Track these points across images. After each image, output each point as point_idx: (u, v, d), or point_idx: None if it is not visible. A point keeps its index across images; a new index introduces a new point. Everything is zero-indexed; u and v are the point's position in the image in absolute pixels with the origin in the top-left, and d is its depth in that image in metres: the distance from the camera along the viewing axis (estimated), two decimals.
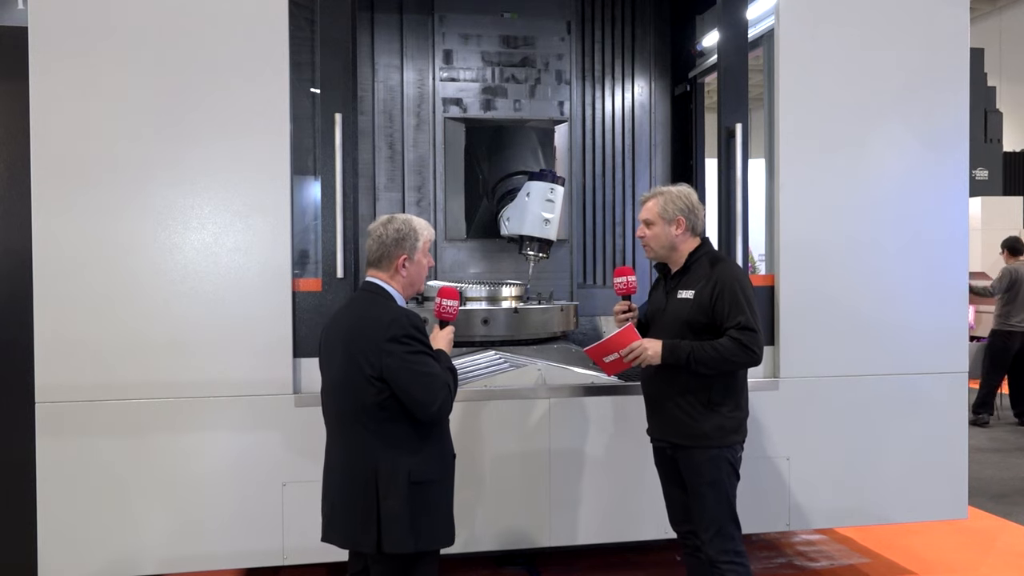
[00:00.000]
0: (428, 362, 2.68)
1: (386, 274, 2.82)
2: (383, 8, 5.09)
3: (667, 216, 3.18)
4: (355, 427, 2.71)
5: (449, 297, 2.99)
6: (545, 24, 5.13)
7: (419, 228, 2.86)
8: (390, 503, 2.65)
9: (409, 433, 2.69)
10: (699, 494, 3.11)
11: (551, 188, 4.47)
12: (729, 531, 3.10)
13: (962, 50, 4.14)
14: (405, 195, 5.13)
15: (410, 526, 2.65)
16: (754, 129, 4.35)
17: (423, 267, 2.87)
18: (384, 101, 5.11)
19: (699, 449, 3.09)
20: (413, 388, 2.64)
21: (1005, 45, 17.51)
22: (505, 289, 4.48)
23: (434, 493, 2.74)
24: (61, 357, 3.43)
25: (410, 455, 2.68)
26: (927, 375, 4.10)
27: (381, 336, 2.64)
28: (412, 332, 2.66)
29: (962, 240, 4.16)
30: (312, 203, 4.33)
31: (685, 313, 3.11)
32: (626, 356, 3.11)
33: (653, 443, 3.32)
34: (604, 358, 3.19)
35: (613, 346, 3.14)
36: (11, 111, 3.77)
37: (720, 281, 3.08)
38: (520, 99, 5.12)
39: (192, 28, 3.51)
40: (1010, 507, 5.69)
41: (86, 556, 3.47)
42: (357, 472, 2.70)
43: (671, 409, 3.15)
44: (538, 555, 4.48)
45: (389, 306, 2.75)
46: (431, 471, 2.72)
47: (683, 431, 3.12)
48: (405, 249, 2.80)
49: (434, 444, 2.75)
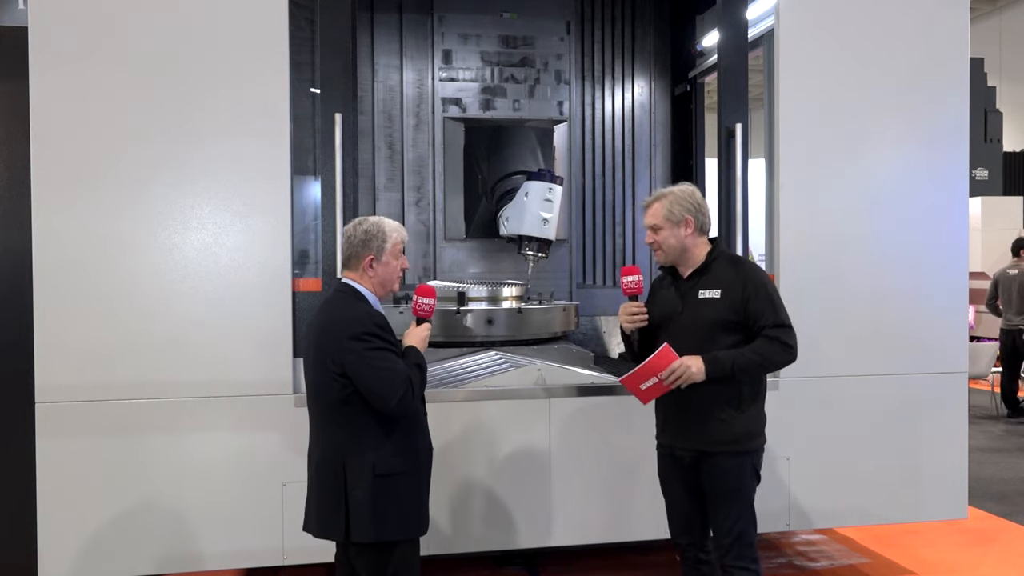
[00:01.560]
0: (388, 358, 2.76)
1: (356, 274, 2.90)
2: (382, 8, 5.09)
3: (674, 218, 3.09)
4: (326, 422, 2.85)
5: (426, 295, 3.02)
6: (544, 24, 5.13)
7: (388, 230, 2.91)
8: (356, 494, 2.76)
9: (374, 427, 2.79)
10: (723, 501, 3.05)
11: (549, 188, 4.47)
12: (749, 538, 3.06)
13: (962, 50, 4.14)
14: (404, 195, 5.13)
15: (374, 517, 2.76)
16: (754, 129, 4.35)
17: (393, 268, 2.92)
18: (383, 101, 5.11)
19: (726, 455, 3.02)
20: (373, 383, 2.73)
21: (1005, 45, 17.51)
22: (505, 289, 4.48)
23: (401, 484, 2.82)
24: (61, 357, 3.43)
25: (375, 448, 2.78)
26: (927, 375, 4.10)
27: (343, 334, 2.74)
28: (373, 329, 2.76)
29: (962, 240, 4.16)
30: (312, 203, 4.33)
31: (714, 313, 3.04)
32: (667, 378, 2.94)
33: (667, 451, 3.20)
34: (641, 385, 3.00)
35: (651, 370, 2.95)
36: (11, 111, 3.77)
37: (752, 281, 3.04)
38: (519, 99, 5.13)
39: (192, 28, 3.51)
40: (1010, 507, 5.69)
41: (86, 556, 3.47)
42: (328, 464, 2.82)
43: (703, 415, 3.04)
44: (538, 555, 4.48)
45: (356, 305, 2.84)
46: (396, 464, 2.81)
47: (713, 437, 3.03)
48: (372, 250, 2.87)
49: (400, 438, 2.83)
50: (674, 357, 2.95)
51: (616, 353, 5.04)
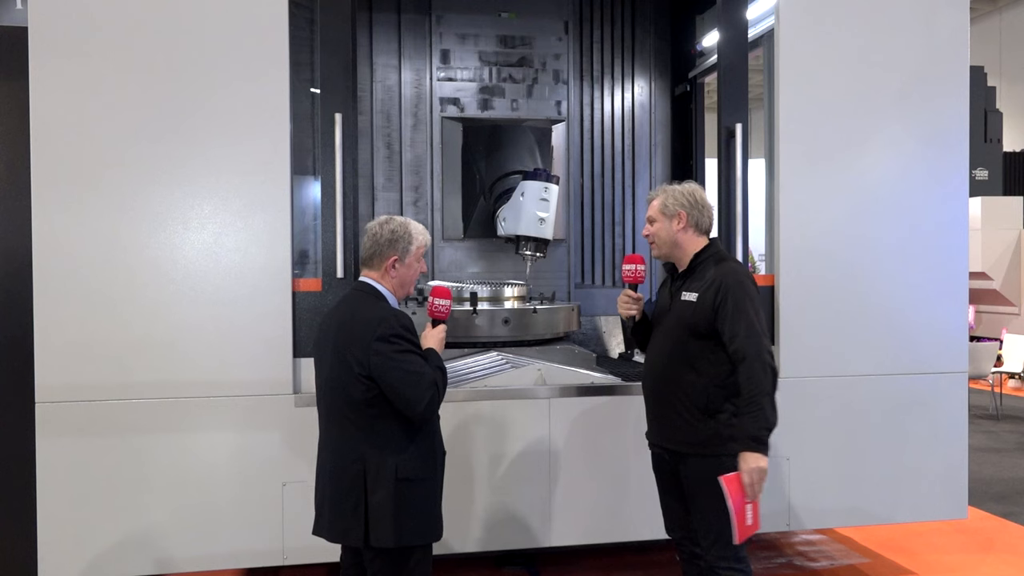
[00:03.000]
0: (416, 361, 2.72)
1: (377, 273, 2.86)
2: (381, 8, 5.09)
3: (668, 212, 3.12)
4: (345, 424, 2.76)
5: (442, 296, 3.00)
6: (542, 24, 5.13)
7: (414, 232, 2.88)
8: (377, 498, 2.70)
9: (397, 431, 2.73)
10: (699, 501, 3.06)
11: (545, 187, 4.47)
12: (730, 536, 3.03)
13: (962, 50, 4.14)
14: (403, 195, 5.13)
15: (396, 522, 2.71)
16: (754, 129, 4.34)
17: (414, 271, 2.90)
18: (382, 101, 5.11)
19: (695, 457, 3.03)
20: (400, 386, 2.68)
21: (1005, 45, 17.50)
22: (509, 289, 4.47)
23: (421, 490, 2.78)
24: (61, 357, 3.43)
25: (397, 452, 2.73)
26: (927, 375, 4.09)
27: (370, 335, 2.68)
28: (400, 331, 2.71)
29: (962, 240, 4.16)
30: (312, 203, 4.34)
31: (687, 316, 3.04)
32: (753, 495, 2.90)
33: (652, 448, 3.26)
34: (747, 522, 2.93)
35: (739, 505, 2.89)
36: (11, 111, 3.77)
37: (724, 285, 2.98)
38: (517, 99, 5.12)
39: (192, 28, 3.51)
40: (1010, 507, 5.69)
41: (86, 556, 3.47)
42: (347, 468, 2.75)
43: (671, 416, 3.08)
44: (538, 555, 4.48)
45: (379, 306, 2.79)
46: (418, 468, 2.76)
47: (681, 438, 3.06)
48: (397, 250, 2.83)
49: (422, 442, 2.79)
50: (735, 480, 2.89)
51: (616, 353, 5.04)
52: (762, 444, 2.89)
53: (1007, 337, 9.68)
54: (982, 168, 12.68)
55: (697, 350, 3.03)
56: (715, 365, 3.01)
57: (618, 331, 5.23)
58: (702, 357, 3.02)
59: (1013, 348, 9.38)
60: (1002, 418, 8.73)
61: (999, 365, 9.20)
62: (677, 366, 3.07)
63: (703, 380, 3.02)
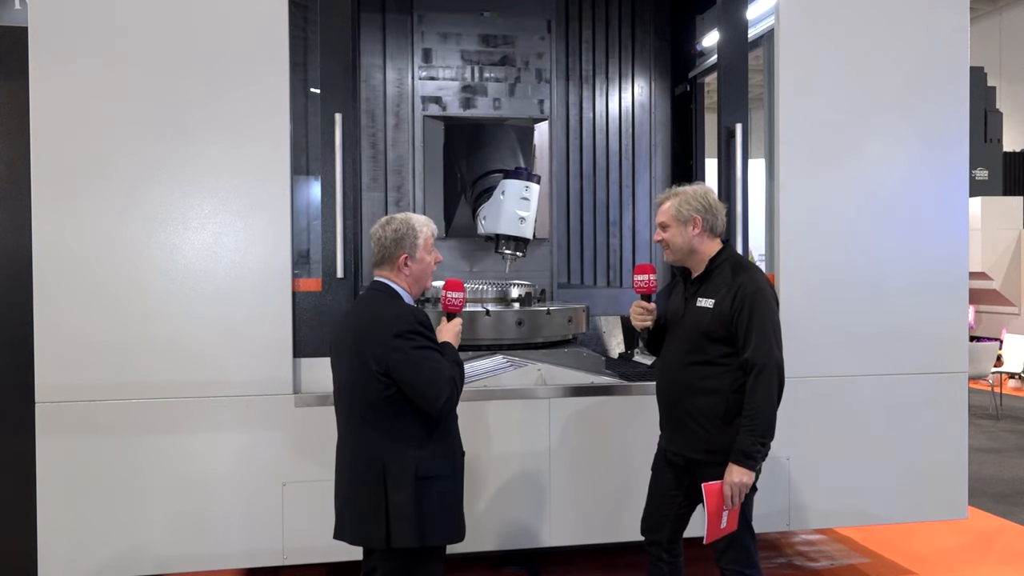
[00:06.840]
0: (434, 357, 2.71)
1: (390, 272, 2.85)
2: (367, 7, 5.07)
3: (682, 217, 3.04)
4: (363, 424, 2.75)
5: (454, 289, 2.99)
6: (525, 23, 5.11)
7: (418, 225, 2.88)
8: (398, 498, 2.68)
9: (416, 429, 2.72)
10: None
11: (526, 186, 4.46)
12: (743, 542, 3.03)
13: (962, 49, 4.14)
14: (387, 195, 5.12)
15: (418, 521, 2.68)
16: (754, 129, 4.34)
17: (428, 264, 2.89)
18: (367, 100, 5.09)
19: (712, 465, 2.97)
20: (419, 383, 2.67)
21: (1005, 45, 17.50)
22: (515, 290, 4.45)
23: (442, 488, 2.76)
24: (61, 357, 3.43)
25: (417, 450, 2.71)
26: (927, 375, 4.09)
27: (387, 332, 2.67)
28: (417, 328, 2.70)
29: (962, 240, 4.16)
30: (312, 203, 4.33)
31: (704, 323, 2.98)
32: (732, 504, 2.89)
33: (663, 451, 3.20)
34: (722, 526, 2.93)
35: (715, 512, 2.90)
36: (11, 111, 3.77)
37: (743, 294, 2.92)
38: (500, 97, 5.11)
39: (192, 28, 3.51)
40: (1010, 507, 5.69)
41: (86, 556, 3.47)
42: (366, 469, 2.73)
43: (689, 424, 3.03)
44: (538, 555, 4.48)
45: (395, 303, 2.78)
46: (438, 466, 2.75)
47: (700, 446, 3.01)
48: (405, 248, 2.83)
49: (441, 440, 2.77)
50: (716, 488, 2.88)
51: (616, 354, 5.03)
52: (751, 460, 2.88)
53: (1007, 337, 9.69)
54: (982, 168, 12.68)
55: (714, 358, 2.98)
56: (733, 371, 2.96)
57: (618, 331, 5.22)
58: (719, 364, 2.98)
59: (1013, 348, 9.39)
60: (1002, 418, 8.73)
61: (999, 365, 9.20)
62: (694, 374, 3.02)
63: (722, 387, 2.97)
